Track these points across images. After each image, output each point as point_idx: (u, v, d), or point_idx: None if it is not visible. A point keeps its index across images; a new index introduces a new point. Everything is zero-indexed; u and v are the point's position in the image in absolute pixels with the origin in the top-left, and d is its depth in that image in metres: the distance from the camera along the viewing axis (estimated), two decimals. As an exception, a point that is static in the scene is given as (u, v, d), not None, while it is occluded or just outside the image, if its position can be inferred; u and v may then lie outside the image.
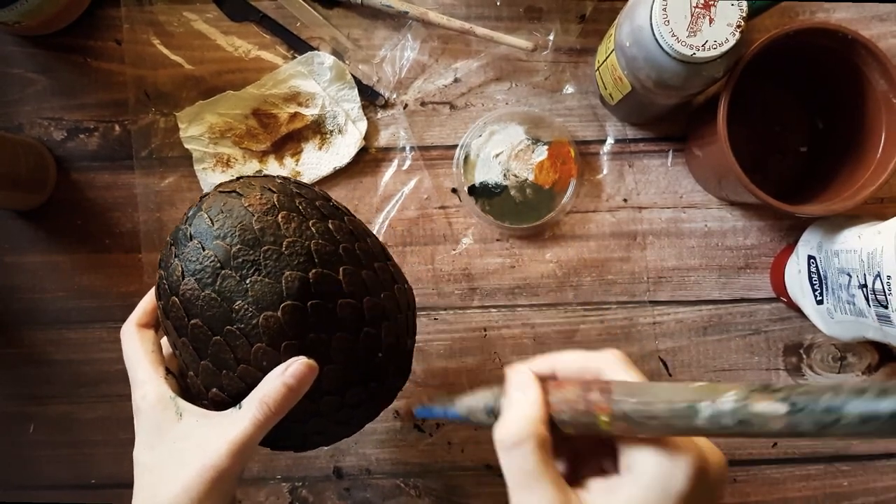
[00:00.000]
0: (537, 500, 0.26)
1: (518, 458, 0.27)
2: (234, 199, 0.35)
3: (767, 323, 0.56)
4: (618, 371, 0.28)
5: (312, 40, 0.56)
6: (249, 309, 0.33)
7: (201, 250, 0.33)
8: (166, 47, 0.56)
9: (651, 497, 0.26)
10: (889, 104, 0.46)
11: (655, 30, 0.42)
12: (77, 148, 0.57)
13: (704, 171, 0.55)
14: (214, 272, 0.33)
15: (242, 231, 0.33)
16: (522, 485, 0.26)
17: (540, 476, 0.26)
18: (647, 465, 0.26)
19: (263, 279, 0.33)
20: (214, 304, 0.33)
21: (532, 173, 0.55)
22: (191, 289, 0.33)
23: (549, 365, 0.30)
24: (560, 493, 0.26)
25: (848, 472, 0.56)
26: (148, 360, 0.36)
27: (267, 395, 0.33)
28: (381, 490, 0.56)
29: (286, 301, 0.33)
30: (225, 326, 0.33)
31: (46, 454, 0.57)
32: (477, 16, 0.56)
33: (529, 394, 0.28)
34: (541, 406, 0.28)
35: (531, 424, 0.27)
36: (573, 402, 0.27)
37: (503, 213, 0.55)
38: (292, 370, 0.33)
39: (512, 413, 0.28)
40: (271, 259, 0.33)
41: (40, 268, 0.57)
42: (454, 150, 0.56)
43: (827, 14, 0.56)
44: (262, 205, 0.34)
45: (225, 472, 0.32)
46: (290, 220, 0.34)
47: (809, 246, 0.51)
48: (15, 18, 0.52)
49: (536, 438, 0.27)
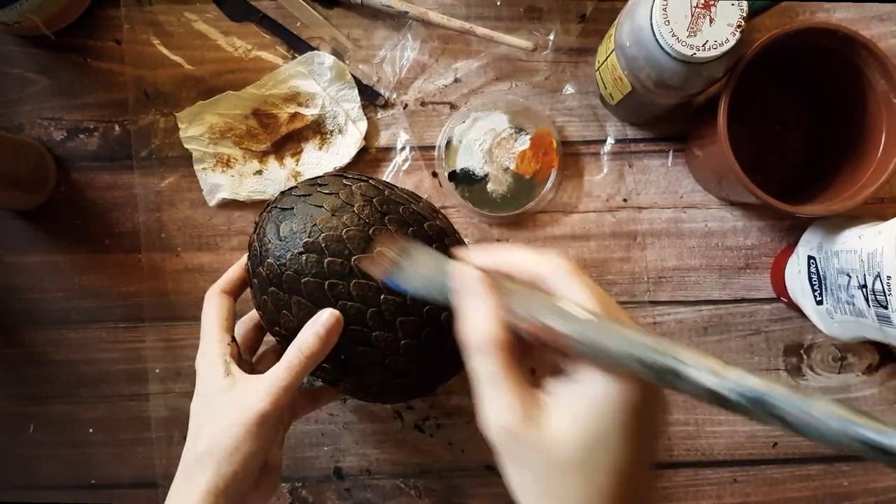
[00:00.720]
0: (506, 401, 0.27)
1: (483, 361, 0.28)
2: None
3: (768, 323, 0.56)
4: (565, 282, 0.29)
5: (312, 40, 0.56)
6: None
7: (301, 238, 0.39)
8: (166, 47, 0.56)
9: (604, 409, 0.27)
10: (889, 104, 0.46)
11: (656, 30, 0.42)
12: (77, 148, 0.57)
13: (705, 171, 0.55)
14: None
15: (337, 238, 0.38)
16: (491, 386, 0.28)
17: (507, 378, 0.28)
18: (597, 378, 0.27)
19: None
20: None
21: (514, 162, 0.55)
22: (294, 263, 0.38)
23: (494, 261, 0.31)
24: (525, 394, 0.28)
25: (848, 473, 0.56)
26: (217, 325, 0.41)
27: (301, 343, 0.37)
28: (382, 490, 0.56)
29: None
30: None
31: (46, 454, 0.57)
32: (477, 16, 0.56)
33: (484, 303, 0.29)
34: (498, 313, 0.29)
35: (492, 331, 0.28)
36: (526, 318, 0.28)
37: (483, 200, 0.55)
38: (322, 320, 0.37)
39: (475, 318, 0.29)
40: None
41: (40, 268, 0.57)
42: (454, 150, 0.56)
43: (827, 14, 0.56)
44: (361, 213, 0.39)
45: (263, 414, 0.36)
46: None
47: (809, 246, 0.51)
48: (15, 18, 0.52)
49: (499, 344, 0.28)
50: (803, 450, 0.56)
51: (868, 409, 0.56)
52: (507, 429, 0.27)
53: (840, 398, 0.56)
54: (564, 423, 0.27)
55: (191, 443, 0.38)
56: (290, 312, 0.39)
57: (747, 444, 0.56)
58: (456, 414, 0.56)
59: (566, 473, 0.27)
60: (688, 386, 0.25)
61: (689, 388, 0.25)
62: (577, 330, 0.27)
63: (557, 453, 0.27)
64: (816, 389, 0.56)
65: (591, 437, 0.26)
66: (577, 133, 0.56)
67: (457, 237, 0.43)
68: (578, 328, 0.27)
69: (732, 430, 0.56)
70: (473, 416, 0.55)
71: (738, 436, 0.56)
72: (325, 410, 0.56)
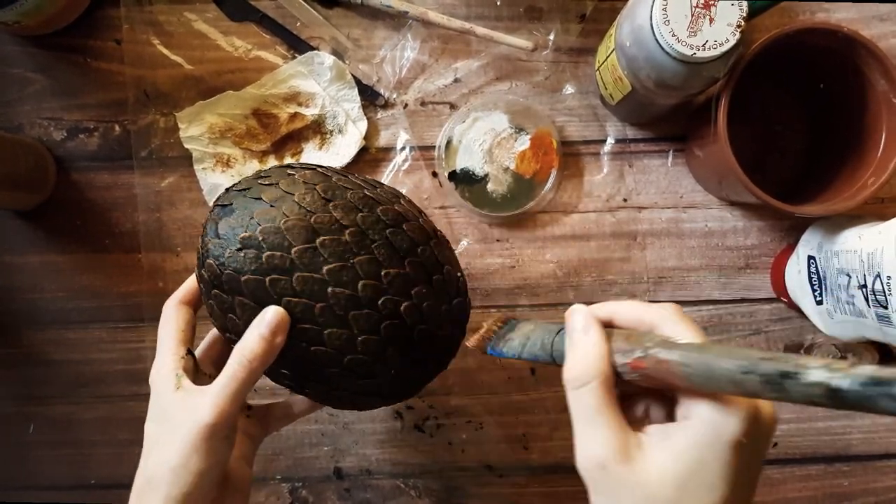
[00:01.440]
0: (601, 435, 0.28)
1: (585, 396, 0.28)
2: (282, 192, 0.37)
3: (768, 323, 0.56)
4: (673, 325, 0.29)
5: (312, 40, 0.56)
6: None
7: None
8: (166, 47, 0.56)
9: (704, 443, 0.27)
10: (889, 104, 0.46)
11: (656, 29, 0.42)
12: (77, 148, 0.57)
13: (705, 171, 0.55)
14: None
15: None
16: (588, 421, 0.28)
17: (604, 413, 0.28)
18: (702, 413, 0.27)
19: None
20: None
21: (514, 162, 0.55)
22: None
23: (607, 312, 0.31)
24: (621, 431, 0.28)
25: (848, 473, 0.56)
26: (173, 338, 0.38)
27: (244, 347, 0.34)
28: (382, 490, 0.56)
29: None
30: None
31: (46, 454, 0.57)
32: (477, 15, 0.56)
33: (592, 335, 0.29)
34: (605, 347, 0.29)
35: (596, 364, 0.29)
36: (632, 352, 0.29)
37: (483, 200, 0.55)
38: (266, 320, 0.34)
39: (578, 352, 0.29)
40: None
41: (40, 268, 0.57)
42: (454, 150, 0.56)
43: (827, 14, 0.56)
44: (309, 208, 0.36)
45: (208, 426, 0.33)
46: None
47: (809, 246, 0.51)
48: (14, 18, 0.52)
49: (601, 377, 0.28)
50: (804, 450, 0.56)
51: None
52: (602, 463, 0.27)
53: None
54: (662, 460, 0.27)
55: (142, 463, 0.35)
56: (236, 315, 0.36)
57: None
58: (456, 414, 0.56)
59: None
60: (802, 387, 0.24)
61: (805, 388, 0.24)
62: (685, 354, 0.27)
63: (653, 491, 0.26)
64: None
65: (691, 474, 0.26)
66: (578, 133, 0.56)
67: (419, 222, 0.39)
68: (687, 352, 0.27)
69: (732, 431, 0.56)
70: (473, 417, 0.56)
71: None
72: (325, 411, 0.56)
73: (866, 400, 0.23)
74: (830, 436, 0.56)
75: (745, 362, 0.25)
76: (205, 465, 0.34)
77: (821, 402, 0.24)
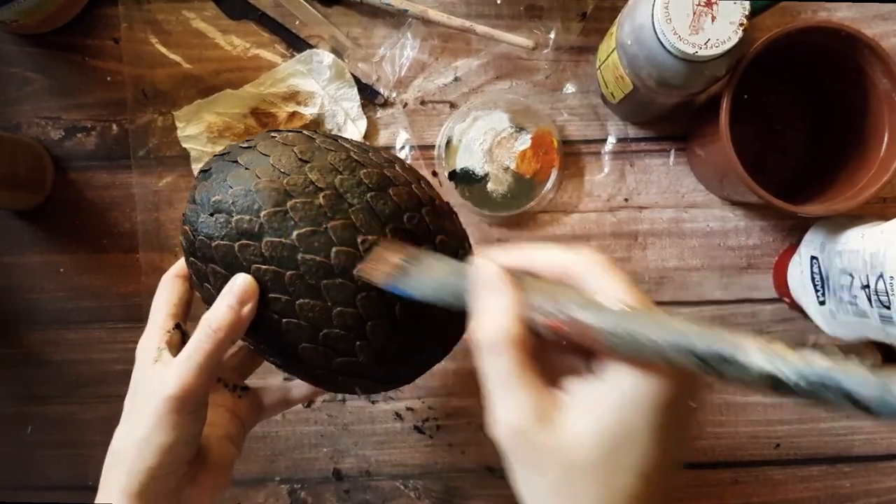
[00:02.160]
0: (519, 399, 0.25)
1: (498, 361, 0.26)
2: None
3: (770, 323, 0.56)
4: (597, 279, 0.27)
5: (311, 39, 0.56)
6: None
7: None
8: (164, 46, 0.56)
9: (629, 404, 0.25)
10: (892, 103, 0.45)
11: (657, 28, 0.42)
12: (75, 147, 0.56)
13: (706, 170, 0.54)
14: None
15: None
16: (503, 386, 0.26)
17: (520, 376, 0.26)
18: (626, 373, 0.25)
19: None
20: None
21: (514, 162, 0.55)
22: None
23: (523, 260, 0.28)
24: (540, 393, 0.26)
25: (850, 473, 0.55)
26: (163, 311, 0.37)
27: (211, 316, 0.33)
28: (381, 492, 0.56)
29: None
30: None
31: (46, 454, 0.57)
32: (477, 14, 0.56)
33: (504, 297, 0.27)
34: (519, 308, 0.26)
35: (511, 327, 0.26)
36: (552, 312, 0.26)
37: (483, 200, 0.55)
38: (234, 288, 0.32)
39: (487, 314, 0.27)
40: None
41: (38, 268, 0.56)
42: (454, 150, 0.56)
43: (829, 13, 0.56)
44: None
45: (173, 400, 0.32)
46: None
47: (812, 246, 0.50)
48: (12, 17, 0.51)
49: (516, 340, 0.26)
50: (805, 451, 0.55)
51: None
52: (520, 429, 0.25)
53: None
54: (585, 423, 0.25)
55: (113, 437, 0.35)
56: (210, 284, 0.34)
57: (749, 444, 0.55)
58: (456, 415, 0.56)
59: (585, 477, 0.25)
60: (739, 372, 0.23)
61: (742, 374, 0.23)
62: (612, 322, 0.25)
63: (576, 455, 0.25)
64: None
65: (616, 437, 0.25)
66: (578, 132, 0.56)
67: (411, 188, 0.36)
68: (614, 320, 0.25)
69: (734, 431, 0.55)
70: (474, 418, 0.55)
71: (739, 437, 0.55)
72: (325, 412, 0.56)
73: (811, 395, 0.22)
74: (832, 436, 0.55)
75: (679, 339, 0.23)
76: (169, 440, 0.33)
77: (760, 389, 0.23)
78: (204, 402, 0.34)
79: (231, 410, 0.42)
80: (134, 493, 0.33)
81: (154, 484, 0.33)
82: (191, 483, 0.36)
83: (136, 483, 0.33)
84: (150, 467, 0.33)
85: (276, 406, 0.44)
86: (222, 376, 0.43)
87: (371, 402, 0.56)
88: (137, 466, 0.33)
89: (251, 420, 0.43)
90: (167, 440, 0.33)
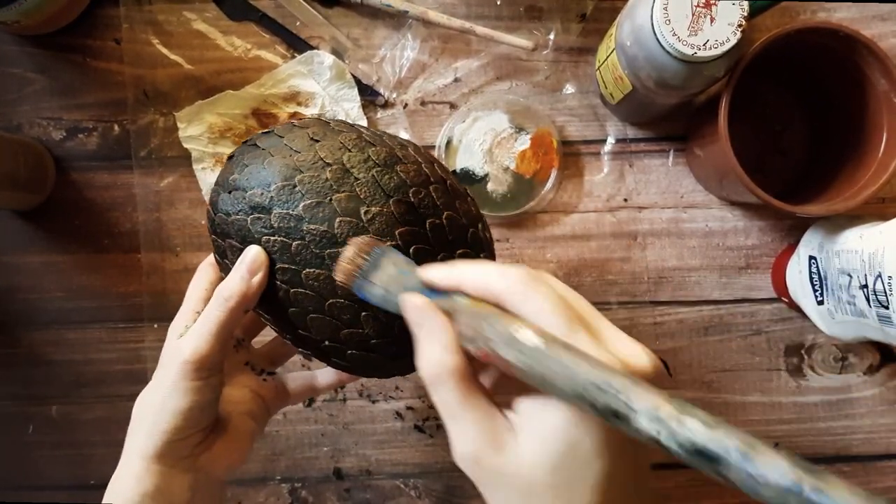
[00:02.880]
0: (469, 429, 0.26)
1: (443, 393, 0.27)
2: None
3: (769, 323, 0.56)
4: (518, 303, 0.27)
5: (312, 39, 0.56)
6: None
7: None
8: (165, 47, 0.56)
9: (572, 421, 0.25)
10: (890, 104, 0.46)
11: (656, 29, 0.42)
12: (76, 148, 0.57)
13: (705, 170, 0.54)
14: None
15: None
16: (453, 416, 0.27)
17: (467, 405, 0.27)
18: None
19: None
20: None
21: (514, 162, 0.55)
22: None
23: (455, 279, 0.29)
24: (489, 420, 0.27)
25: (849, 473, 0.55)
26: (196, 295, 0.38)
27: (223, 287, 0.34)
28: (382, 491, 0.56)
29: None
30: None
31: (46, 454, 0.57)
32: (477, 15, 0.56)
33: (434, 331, 0.27)
34: (450, 337, 0.27)
35: (446, 359, 0.27)
36: (475, 341, 0.27)
37: (483, 200, 0.55)
38: (246, 259, 0.34)
39: (423, 350, 0.28)
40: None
41: (39, 268, 0.56)
42: (454, 150, 0.56)
43: (828, 14, 0.56)
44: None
45: (187, 364, 0.34)
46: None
47: (810, 246, 0.50)
48: (14, 18, 0.52)
49: (455, 370, 0.27)
50: (804, 450, 0.56)
51: (860, 421, 0.55)
52: (474, 457, 0.26)
53: (841, 398, 0.56)
54: (534, 445, 0.26)
55: (137, 403, 0.37)
56: (228, 259, 0.36)
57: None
58: (456, 414, 0.56)
59: (543, 497, 0.26)
60: (629, 430, 0.23)
61: (631, 432, 0.23)
62: (523, 360, 0.25)
63: (531, 477, 0.25)
64: (818, 390, 0.56)
65: (565, 456, 0.25)
66: (578, 133, 0.56)
67: (420, 166, 0.36)
68: (525, 358, 0.25)
69: (733, 431, 0.55)
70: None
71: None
72: (325, 411, 0.56)
73: (694, 464, 0.22)
74: (831, 436, 0.56)
75: (579, 389, 0.24)
76: (182, 404, 0.34)
77: (654, 447, 0.23)
78: (218, 370, 0.36)
79: (255, 391, 0.42)
80: (150, 454, 0.34)
81: (169, 447, 0.35)
82: (207, 451, 0.37)
83: (151, 445, 0.34)
84: (164, 430, 0.34)
85: (302, 392, 0.45)
86: (252, 361, 0.44)
87: (371, 401, 0.56)
88: (154, 429, 0.34)
89: (276, 403, 0.44)
90: (181, 405, 0.34)
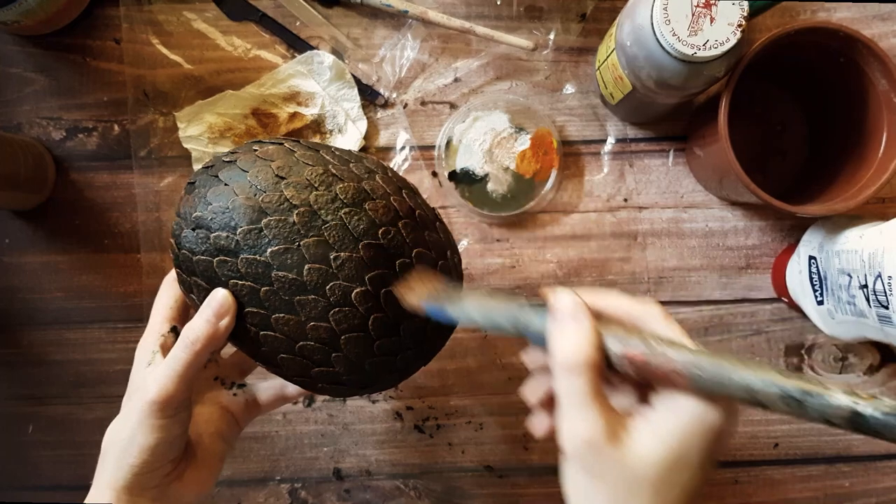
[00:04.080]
0: (592, 417, 0.28)
1: (577, 381, 0.29)
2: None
3: (769, 323, 0.56)
4: (659, 324, 0.30)
5: (312, 39, 0.56)
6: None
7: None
8: (165, 47, 0.56)
9: (690, 431, 0.28)
10: (890, 104, 0.46)
11: (656, 29, 0.42)
12: (76, 148, 0.57)
13: (705, 170, 0.54)
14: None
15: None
16: (578, 405, 0.29)
17: (593, 400, 0.29)
18: (688, 404, 0.29)
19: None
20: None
21: (514, 162, 0.55)
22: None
23: (592, 300, 0.32)
24: (611, 414, 0.29)
25: (849, 473, 0.55)
26: (160, 314, 0.39)
27: (189, 329, 0.35)
28: (382, 491, 0.56)
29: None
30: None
31: (46, 454, 0.57)
32: (477, 15, 0.56)
33: (585, 323, 0.30)
34: (598, 335, 0.30)
35: (590, 352, 0.29)
36: (633, 345, 0.29)
37: (483, 200, 0.55)
38: (212, 302, 0.34)
39: (569, 338, 0.30)
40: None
41: (39, 268, 0.57)
42: (454, 150, 0.56)
43: (828, 13, 0.56)
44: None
45: (154, 405, 0.34)
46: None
47: (810, 246, 0.50)
48: (14, 18, 0.52)
49: (594, 364, 0.29)
50: (804, 451, 0.56)
51: None
52: (591, 442, 0.28)
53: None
54: (649, 444, 0.28)
55: (106, 437, 0.37)
56: (194, 295, 0.36)
57: (748, 444, 0.56)
58: (456, 415, 0.56)
59: (643, 490, 0.28)
60: (823, 407, 0.26)
61: (824, 408, 0.26)
62: (694, 358, 0.28)
63: (640, 470, 0.28)
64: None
65: (676, 458, 0.28)
66: (578, 133, 0.56)
67: (389, 200, 0.36)
68: (696, 357, 0.28)
69: (733, 431, 0.55)
70: (474, 417, 0.56)
71: (739, 437, 0.56)
72: (325, 411, 0.56)
73: (885, 428, 0.25)
74: (831, 436, 0.55)
75: (767, 376, 0.27)
76: (150, 441, 0.35)
77: (835, 423, 0.26)
78: (185, 407, 0.36)
79: (225, 407, 0.42)
80: (119, 486, 0.35)
81: (138, 480, 0.35)
82: (178, 479, 0.38)
83: (120, 477, 0.35)
84: (132, 464, 0.35)
85: (272, 402, 0.45)
86: (221, 374, 0.44)
87: (371, 401, 0.56)
88: (122, 463, 0.35)
89: (246, 416, 0.44)
90: (148, 441, 0.35)
